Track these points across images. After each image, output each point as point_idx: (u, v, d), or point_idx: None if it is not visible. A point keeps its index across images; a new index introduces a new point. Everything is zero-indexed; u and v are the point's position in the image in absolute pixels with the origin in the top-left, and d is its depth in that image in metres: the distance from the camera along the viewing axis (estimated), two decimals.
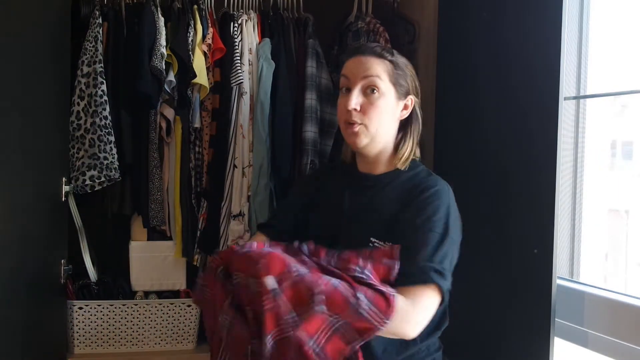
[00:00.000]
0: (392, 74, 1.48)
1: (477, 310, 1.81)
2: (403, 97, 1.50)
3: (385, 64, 1.48)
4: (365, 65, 1.47)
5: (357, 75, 1.47)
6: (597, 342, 1.60)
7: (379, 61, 1.47)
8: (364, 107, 1.46)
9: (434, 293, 1.33)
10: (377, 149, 1.51)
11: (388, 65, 1.48)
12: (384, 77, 1.47)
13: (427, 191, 1.44)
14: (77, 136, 2.01)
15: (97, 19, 2.04)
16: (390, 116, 1.49)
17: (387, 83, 1.47)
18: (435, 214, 1.40)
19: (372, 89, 1.46)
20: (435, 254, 1.35)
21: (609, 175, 1.94)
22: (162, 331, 2.14)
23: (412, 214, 1.41)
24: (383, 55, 1.48)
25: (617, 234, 2.00)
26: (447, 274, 1.35)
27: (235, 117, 2.09)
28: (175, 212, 2.15)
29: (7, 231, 1.59)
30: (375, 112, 1.46)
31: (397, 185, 1.50)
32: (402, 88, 1.49)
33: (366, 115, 1.46)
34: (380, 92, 1.46)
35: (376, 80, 1.46)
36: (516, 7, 1.72)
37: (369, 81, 1.46)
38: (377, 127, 1.47)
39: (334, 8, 2.34)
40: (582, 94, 1.80)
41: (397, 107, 1.50)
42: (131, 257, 2.17)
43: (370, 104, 1.46)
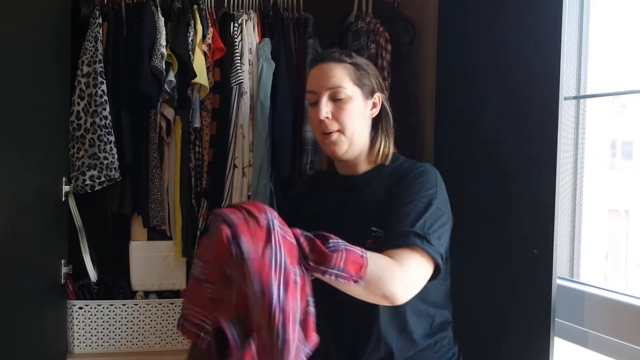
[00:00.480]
0: (355, 75, 1.50)
1: (477, 310, 1.81)
2: (370, 96, 1.53)
3: (346, 67, 1.50)
4: (327, 74, 1.49)
5: (322, 86, 1.49)
6: (597, 342, 1.60)
7: (339, 66, 1.50)
8: (334, 114, 1.49)
9: (418, 256, 1.31)
10: (355, 152, 1.53)
11: (349, 68, 1.50)
12: (347, 81, 1.49)
13: (413, 171, 1.47)
14: (77, 136, 2.01)
15: (97, 19, 2.04)
16: (361, 117, 1.52)
17: (351, 86, 1.49)
18: (421, 189, 1.42)
19: (338, 95, 1.48)
20: (418, 221, 1.35)
21: (609, 175, 1.94)
22: (162, 331, 2.14)
23: (400, 191, 1.44)
24: (342, 60, 1.51)
25: (617, 234, 2.00)
26: (433, 239, 1.33)
27: (235, 117, 2.09)
28: (175, 212, 2.15)
29: (7, 231, 1.59)
30: (347, 116, 1.49)
31: (382, 178, 1.52)
32: (366, 87, 1.52)
33: (339, 121, 1.49)
34: (347, 97, 1.49)
35: (340, 87, 1.48)
36: (516, 7, 1.72)
37: (333, 90, 1.48)
38: (352, 130, 1.50)
39: (334, 8, 2.34)
40: (582, 94, 1.80)
41: (366, 106, 1.53)
42: (131, 257, 2.17)
43: (340, 109, 1.49)
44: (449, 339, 1.54)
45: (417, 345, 1.48)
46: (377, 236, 1.44)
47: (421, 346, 1.48)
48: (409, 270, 1.29)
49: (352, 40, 2.26)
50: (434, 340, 1.50)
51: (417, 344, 1.47)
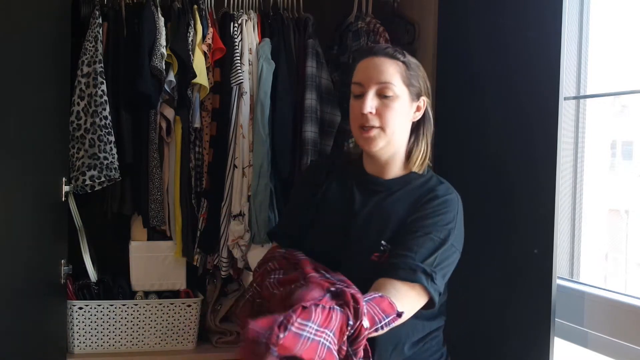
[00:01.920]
0: (405, 75, 1.46)
1: (477, 310, 1.81)
2: (416, 99, 1.49)
3: (398, 65, 1.45)
4: (378, 68, 1.44)
5: (371, 79, 1.44)
6: (597, 342, 1.60)
7: (392, 62, 1.45)
8: (379, 110, 1.44)
9: (417, 293, 1.34)
10: (390, 153, 1.49)
11: (401, 67, 1.46)
12: (398, 79, 1.44)
13: (437, 199, 1.44)
14: (77, 136, 2.00)
15: (97, 19, 2.04)
16: (405, 118, 1.48)
17: (400, 85, 1.45)
18: (440, 222, 1.41)
19: (386, 92, 1.44)
20: (429, 257, 1.36)
21: (609, 175, 1.94)
22: (162, 331, 2.14)
23: (418, 217, 1.42)
24: (395, 57, 1.46)
25: (617, 234, 2.00)
26: (438, 278, 1.35)
27: (235, 117, 2.09)
28: (175, 212, 2.15)
29: (7, 231, 1.59)
30: (392, 114, 1.44)
31: (407, 191, 1.49)
32: (414, 89, 1.48)
33: (382, 118, 1.44)
34: (395, 95, 1.44)
35: (390, 84, 1.44)
36: (516, 7, 1.72)
37: (382, 85, 1.43)
38: (393, 129, 1.45)
39: (334, 8, 2.34)
40: (582, 94, 1.80)
41: (411, 108, 1.48)
42: (131, 257, 2.17)
43: (385, 106, 1.44)
44: (437, 341, 1.53)
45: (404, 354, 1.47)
46: (384, 250, 1.43)
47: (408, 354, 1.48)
48: (404, 305, 1.31)
49: (352, 41, 2.26)
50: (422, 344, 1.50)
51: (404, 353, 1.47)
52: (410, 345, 1.47)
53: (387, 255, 1.41)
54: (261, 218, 2.10)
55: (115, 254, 2.22)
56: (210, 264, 2.20)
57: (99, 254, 2.20)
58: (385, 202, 1.49)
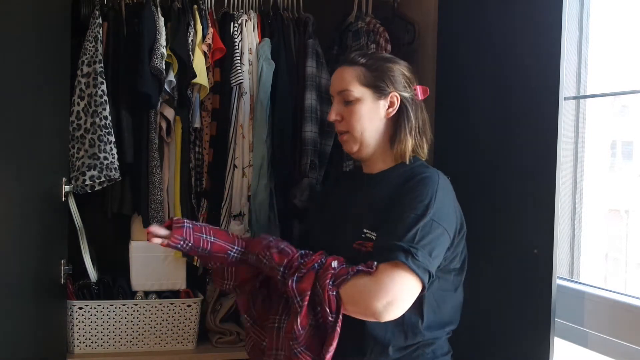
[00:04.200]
0: (365, 77, 1.53)
1: (477, 310, 1.81)
2: (384, 96, 1.54)
3: (355, 69, 1.54)
4: (338, 77, 1.57)
5: (334, 89, 1.58)
6: (597, 342, 1.60)
7: (350, 69, 1.55)
8: (343, 115, 1.55)
9: (402, 272, 1.31)
10: (368, 151, 1.56)
11: (359, 70, 1.54)
12: (355, 84, 1.53)
13: (415, 178, 1.46)
14: (77, 136, 2.00)
15: (97, 19, 2.04)
16: (371, 118, 1.54)
17: (360, 88, 1.53)
18: (416, 198, 1.40)
19: (347, 98, 1.54)
20: (407, 234, 1.34)
21: (609, 176, 1.94)
22: (162, 331, 2.14)
23: (397, 198, 1.44)
24: (354, 61, 1.55)
25: (617, 234, 2.00)
26: (420, 255, 1.31)
27: (235, 117, 2.09)
28: (175, 212, 2.15)
29: (7, 231, 1.59)
30: (354, 118, 1.53)
31: (391, 178, 1.53)
32: (379, 88, 1.53)
33: (347, 122, 1.55)
34: (356, 98, 1.53)
35: (347, 90, 1.53)
36: (516, 7, 1.72)
37: (343, 92, 1.54)
38: (360, 131, 1.53)
39: (334, 8, 2.34)
40: (582, 94, 1.80)
41: (379, 107, 1.54)
42: (131, 257, 2.17)
43: (348, 111, 1.55)
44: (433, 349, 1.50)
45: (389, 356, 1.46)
46: (367, 238, 1.44)
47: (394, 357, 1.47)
48: (390, 287, 1.29)
49: (352, 41, 2.26)
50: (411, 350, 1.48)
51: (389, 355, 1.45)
52: (397, 349, 1.45)
53: (371, 243, 1.43)
54: (261, 218, 2.10)
55: (115, 254, 2.22)
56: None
57: (99, 254, 2.20)
58: (370, 192, 1.54)
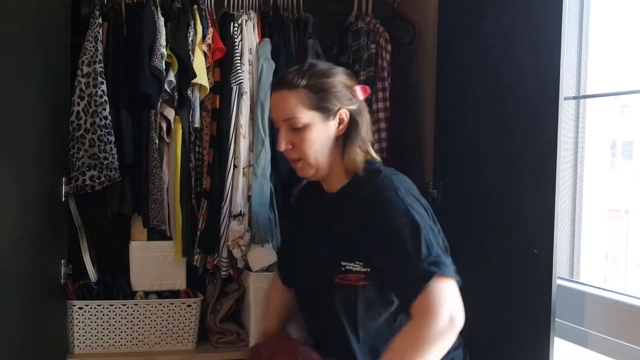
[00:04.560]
0: (310, 100, 1.43)
1: (477, 310, 1.80)
2: (332, 116, 1.45)
3: (299, 93, 1.43)
4: (282, 104, 1.45)
5: (279, 117, 1.46)
6: (597, 342, 1.60)
7: (292, 93, 1.43)
8: (294, 143, 1.46)
9: (441, 282, 1.30)
10: (324, 172, 1.49)
11: (303, 94, 1.43)
12: (301, 109, 1.43)
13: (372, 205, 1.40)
14: (77, 136, 2.00)
15: (97, 19, 2.04)
16: (324, 140, 1.46)
17: (307, 113, 1.43)
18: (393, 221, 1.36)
19: (295, 125, 1.44)
20: (421, 250, 1.32)
21: (609, 175, 1.94)
22: (162, 331, 2.14)
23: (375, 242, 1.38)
24: (295, 84, 1.43)
25: (617, 234, 2.00)
26: (442, 258, 1.32)
27: (235, 117, 2.09)
28: (175, 212, 2.15)
29: (7, 231, 1.59)
30: (307, 144, 1.44)
31: (351, 198, 1.46)
32: (326, 109, 1.44)
33: (299, 150, 1.46)
34: (305, 124, 1.43)
35: (295, 118, 1.43)
36: (516, 7, 1.72)
37: (290, 122, 1.44)
38: (315, 156, 1.45)
39: (334, 8, 2.34)
40: (582, 94, 1.80)
41: (328, 127, 1.46)
42: (131, 257, 2.17)
43: (298, 139, 1.45)
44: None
45: None
46: (347, 270, 1.40)
47: None
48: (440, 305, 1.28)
49: (352, 41, 2.26)
50: None
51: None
52: None
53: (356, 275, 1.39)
54: (261, 218, 2.10)
55: (115, 254, 2.21)
56: (210, 264, 2.20)
57: (99, 254, 2.20)
58: (334, 218, 1.48)
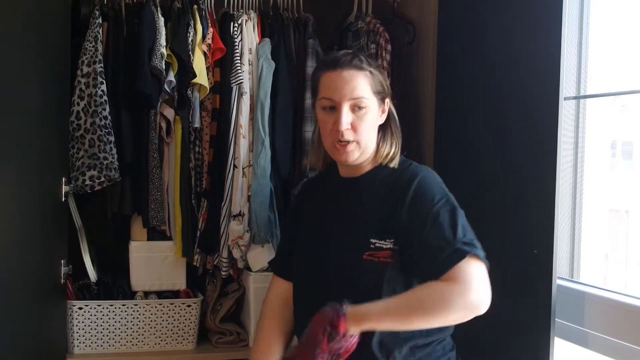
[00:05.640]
0: (373, 84, 1.46)
1: None
2: (382, 103, 1.50)
3: (366, 76, 1.45)
4: (350, 83, 1.43)
5: (344, 95, 1.43)
6: (597, 342, 1.60)
7: (361, 74, 1.45)
8: (354, 124, 1.44)
9: (474, 262, 1.33)
10: (363, 159, 1.50)
11: (369, 77, 1.46)
12: (368, 91, 1.45)
13: (416, 189, 1.43)
14: (77, 136, 2.00)
15: (97, 19, 2.04)
16: (375, 125, 1.50)
17: (371, 96, 1.46)
18: (432, 200, 1.40)
19: (359, 106, 1.44)
20: (457, 231, 1.35)
21: (609, 175, 1.94)
22: (162, 331, 2.14)
23: (412, 217, 1.40)
24: (363, 67, 1.45)
25: (617, 234, 2.00)
26: (474, 241, 1.36)
27: (235, 117, 2.09)
28: (175, 212, 2.15)
29: (7, 231, 1.59)
30: (366, 127, 1.46)
31: (378, 184, 1.50)
32: (381, 95, 1.49)
33: (358, 132, 1.45)
34: (367, 107, 1.45)
35: (364, 98, 1.44)
36: (516, 7, 1.72)
37: (356, 101, 1.44)
38: (367, 139, 1.47)
39: (334, 8, 2.34)
40: (582, 94, 1.80)
41: (379, 114, 1.50)
42: (131, 257, 2.17)
43: (360, 120, 1.44)
44: (443, 346, 1.50)
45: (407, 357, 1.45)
46: (377, 247, 1.42)
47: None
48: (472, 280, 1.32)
49: (352, 41, 2.26)
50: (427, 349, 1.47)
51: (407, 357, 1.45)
52: (410, 351, 1.45)
53: (386, 252, 1.41)
54: (261, 218, 2.10)
55: (115, 254, 2.21)
56: (210, 264, 2.20)
57: (99, 254, 2.20)
58: (359, 200, 1.50)
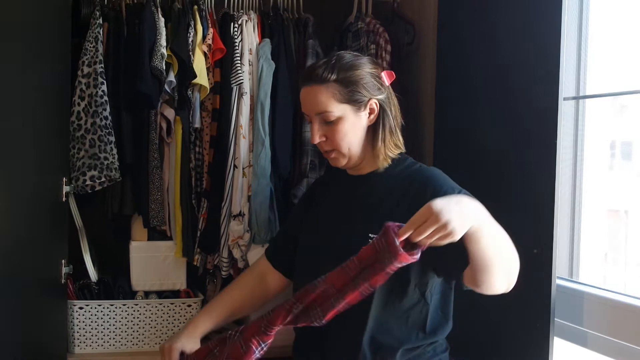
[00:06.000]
0: (341, 93, 1.45)
1: (477, 310, 1.81)
2: (363, 107, 1.48)
3: (329, 87, 1.45)
4: (313, 99, 1.47)
5: (311, 110, 1.49)
6: (596, 342, 1.60)
7: (323, 88, 1.45)
8: (327, 135, 1.49)
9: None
10: (356, 161, 1.53)
11: (333, 88, 1.45)
12: (333, 103, 1.45)
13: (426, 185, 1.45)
14: (78, 136, 2.01)
15: (98, 19, 2.04)
16: (355, 131, 1.49)
17: (339, 106, 1.46)
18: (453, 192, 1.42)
19: (327, 119, 1.47)
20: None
21: (609, 176, 1.94)
22: (162, 331, 2.14)
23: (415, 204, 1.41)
24: (325, 79, 1.45)
25: (617, 234, 2.00)
26: None
27: (236, 117, 2.09)
28: (175, 212, 2.15)
29: (7, 231, 1.59)
30: (339, 136, 1.48)
31: (389, 178, 1.51)
32: (357, 101, 1.47)
33: (332, 142, 1.49)
34: (337, 117, 1.46)
35: (327, 112, 1.46)
36: (516, 8, 1.72)
37: (322, 115, 1.47)
38: (347, 147, 1.49)
39: (334, 8, 2.34)
40: (582, 94, 1.80)
41: (360, 118, 1.49)
42: (131, 257, 2.17)
43: (331, 131, 1.48)
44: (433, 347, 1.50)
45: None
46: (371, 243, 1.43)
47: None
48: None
49: (352, 41, 2.26)
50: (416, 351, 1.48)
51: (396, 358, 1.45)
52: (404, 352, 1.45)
53: None
54: (261, 218, 2.10)
55: (115, 254, 2.22)
56: (211, 264, 2.21)
57: (99, 254, 2.20)
58: (370, 195, 1.52)
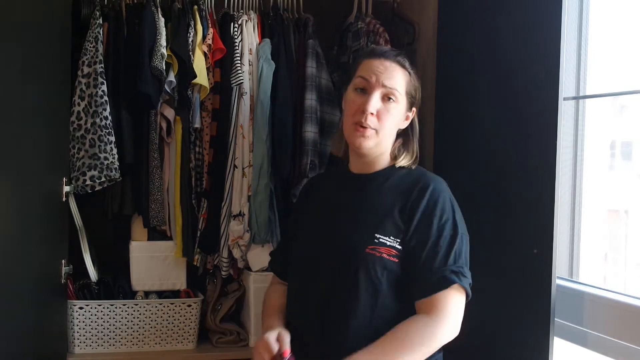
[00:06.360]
0: (409, 84, 1.51)
1: (477, 310, 1.81)
2: (409, 109, 1.54)
3: (405, 74, 1.51)
4: (389, 72, 1.48)
5: (379, 81, 1.47)
6: (596, 342, 1.60)
7: (401, 70, 1.50)
8: (380, 112, 1.48)
9: (456, 293, 1.40)
10: (376, 153, 1.53)
11: (407, 77, 1.51)
12: (402, 87, 1.50)
13: (425, 193, 1.46)
14: (78, 136, 2.01)
15: (98, 19, 2.04)
16: (398, 122, 1.53)
17: (403, 93, 1.50)
18: (440, 218, 1.43)
19: (390, 97, 1.48)
20: (449, 256, 1.40)
21: (608, 176, 1.94)
22: (162, 331, 2.14)
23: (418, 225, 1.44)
24: (404, 65, 1.51)
25: (617, 234, 2.00)
26: (464, 270, 1.42)
27: (236, 117, 2.09)
28: (175, 212, 2.15)
29: (7, 231, 1.59)
30: (390, 119, 1.49)
31: (392, 181, 1.52)
32: (411, 99, 1.53)
33: (381, 121, 1.48)
34: (397, 101, 1.49)
35: (396, 90, 1.48)
36: (516, 8, 1.73)
37: (389, 90, 1.48)
38: (386, 132, 1.50)
39: (334, 8, 2.35)
40: (582, 94, 1.80)
41: (403, 116, 1.53)
42: (131, 257, 2.17)
43: (386, 110, 1.48)
44: None
45: None
46: (380, 243, 1.44)
47: None
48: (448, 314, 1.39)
49: (352, 41, 2.26)
50: None
51: None
52: None
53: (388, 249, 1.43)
54: (261, 218, 2.10)
55: (115, 254, 2.22)
56: (211, 264, 2.21)
57: (99, 254, 2.20)
58: (372, 196, 1.52)
